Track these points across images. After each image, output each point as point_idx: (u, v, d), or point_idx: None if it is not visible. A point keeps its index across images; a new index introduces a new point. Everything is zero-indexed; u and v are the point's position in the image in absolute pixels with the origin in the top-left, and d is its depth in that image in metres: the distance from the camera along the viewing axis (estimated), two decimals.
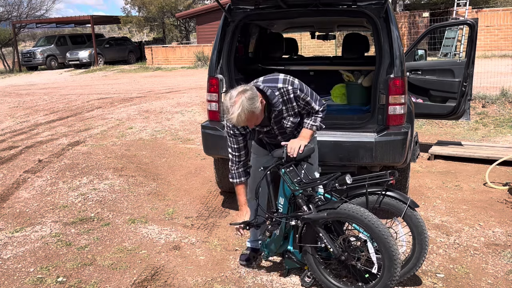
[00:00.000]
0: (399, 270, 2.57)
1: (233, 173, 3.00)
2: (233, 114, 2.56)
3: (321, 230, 2.71)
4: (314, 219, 2.69)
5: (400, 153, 3.53)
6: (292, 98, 2.81)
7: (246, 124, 2.67)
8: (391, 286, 2.59)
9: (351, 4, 3.69)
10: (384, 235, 2.53)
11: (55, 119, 9.15)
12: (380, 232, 2.54)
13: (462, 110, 5.55)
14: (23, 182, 5.24)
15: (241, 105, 2.54)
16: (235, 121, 2.59)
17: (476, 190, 4.66)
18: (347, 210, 2.62)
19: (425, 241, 2.76)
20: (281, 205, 2.95)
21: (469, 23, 5.41)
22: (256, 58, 5.54)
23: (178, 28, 29.92)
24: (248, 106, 2.55)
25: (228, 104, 2.58)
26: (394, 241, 2.57)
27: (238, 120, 2.58)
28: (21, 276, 3.18)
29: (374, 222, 2.55)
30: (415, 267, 2.82)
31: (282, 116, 2.87)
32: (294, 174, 2.82)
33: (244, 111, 2.55)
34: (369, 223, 2.56)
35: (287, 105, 2.84)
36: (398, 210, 2.74)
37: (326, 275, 2.83)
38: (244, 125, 2.74)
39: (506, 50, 15.81)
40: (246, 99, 2.56)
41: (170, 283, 3.06)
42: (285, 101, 2.82)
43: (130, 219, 4.14)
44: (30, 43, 42.03)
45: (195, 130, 7.64)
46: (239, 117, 2.56)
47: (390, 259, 2.54)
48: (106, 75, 19.77)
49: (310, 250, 2.83)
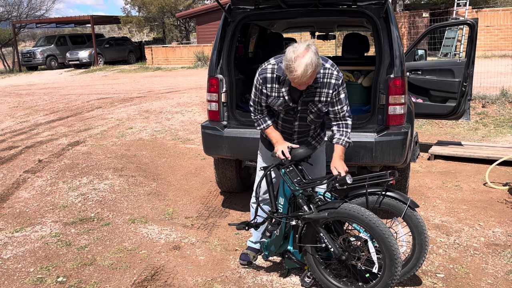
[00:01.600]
0: (399, 270, 2.57)
1: (259, 120, 2.94)
2: (299, 66, 2.44)
3: (321, 230, 2.71)
4: (315, 219, 2.69)
5: (400, 153, 3.53)
6: (331, 84, 2.72)
7: (306, 79, 2.52)
8: (392, 285, 2.59)
9: (351, 4, 3.69)
10: (385, 234, 2.53)
11: (55, 119, 9.15)
12: (381, 232, 2.54)
13: (462, 110, 5.55)
14: (23, 182, 5.24)
15: (311, 58, 2.45)
16: (300, 73, 2.46)
17: (476, 190, 4.66)
18: (348, 210, 2.62)
19: (425, 241, 2.76)
20: (281, 205, 2.95)
21: (469, 23, 5.41)
22: (256, 58, 5.53)
23: (178, 28, 29.92)
24: (316, 60, 2.47)
25: (292, 55, 2.47)
26: (395, 241, 2.57)
27: (303, 73, 2.46)
28: (21, 276, 3.18)
29: (375, 221, 2.55)
30: (415, 267, 2.82)
31: (312, 99, 2.77)
32: (294, 174, 2.81)
33: (312, 65, 2.46)
34: (370, 223, 2.55)
35: (323, 89, 2.74)
36: (398, 210, 2.74)
37: (326, 275, 2.83)
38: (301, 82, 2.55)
39: (506, 50, 15.81)
40: (314, 53, 2.47)
41: (170, 283, 3.06)
42: (324, 84, 2.73)
43: (130, 219, 4.14)
44: (30, 43, 42.02)
45: (195, 130, 7.65)
46: (306, 68, 2.45)
47: (391, 258, 2.54)
48: (106, 75, 19.77)
49: (310, 250, 2.83)
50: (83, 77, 19.63)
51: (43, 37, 28.16)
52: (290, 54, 2.49)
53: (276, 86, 2.77)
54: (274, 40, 5.45)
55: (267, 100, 2.85)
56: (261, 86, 2.81)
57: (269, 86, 2.79)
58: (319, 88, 2.73)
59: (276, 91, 2.78)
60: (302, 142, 2.98)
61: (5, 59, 26.44)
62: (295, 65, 2.47)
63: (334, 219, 2.72)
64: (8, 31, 27.28)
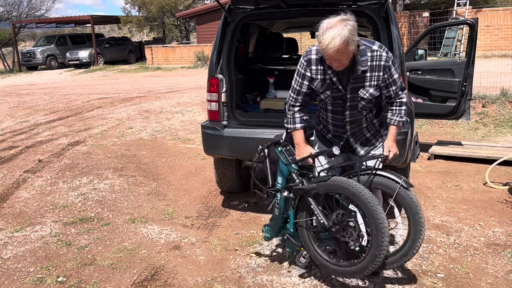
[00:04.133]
0: (386, 240, 2.52)
1: (289, 117, 2.86)
2: (327, 37, 2.35)
3: (312, 201, 2.76)
4: (306, 189, 2.75)
5: (400, 153, 3.52)
6: (381, 66, 2.61)
7: (333, 52, 2.40)
8: (380, 257, 2.56)
9: (351, 4, 3.69)
10: (371, 204, 2.53)
11: (55, 119, 9.15)
12: (367, 200, 2.54)
13: (462, 110, 5.55)
14: (23, 182, 5.24)
15: (341, 31, 2.35)
16: (326, 44, 2.37)
17: (476, 190, 4.66)
18: (336, 181, 2.66)
19: (419, 222, 2.62)
20: (279, 184, 3.06)
21: (469, 23, 5.41)
22: (256, 58, 5.53)
23: (178, 28, 29.93)
24: (347, 34, 2.36)
25: (324, 26, 2.39)
26: (381, 210, 2.54)
27: (330, 45, 2.36)
28: (21, 276, 3.18)
29: (361, 191, 2.56)
30: (411, 250, 2.69)
31: (363, 84, 2.65)
32: (291, 152, 2.91)
33: (341, 38, 2.34)
34: (356, 192, 2.57)
35: (373, 72, 2.62)
36: (390, 189, 2.66)
37: (320, 252, 2.87)
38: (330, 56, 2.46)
39: (506, 50, 15.81)
40: (346, 27, 2.37)
41: (170, 283, 3.06)
42: (373, 67, 2.61)
43: (130, 219, 4.14)
44: (30, 43, 42.01)
45: (195, 130, 7.65)
46: (333, 41, 2.34)
47: (377, 227, 2.53)
48: (106, 75, 19.77)
49: (305, 225, 2.89)
50: (83, 77, 19.63)
51: (43, 37, 28.17)
52: (322, 25, 2.41)
53: (320, 68, 2.68)
54: (274, 40, 5.46)
55: (310, 85, 2.74)
56: (305, 70, 2.71)
57: (313, 68, 2.69)
58: (368, 72, 2.62)
59: (322, 73, 2.68)
60: (357, 134, 2.87)
61: (5, 59, 26.44)
62: (324, 37, 2.39)
63: (324, 192, 2.75)
64: (8, 31, 27.28)
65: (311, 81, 2.73)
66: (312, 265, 3.13)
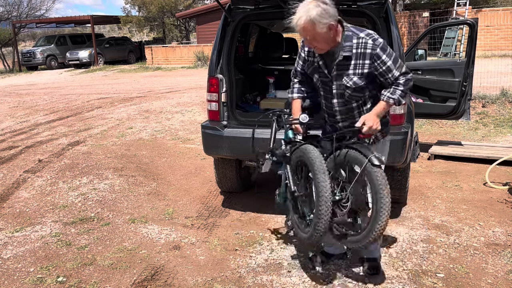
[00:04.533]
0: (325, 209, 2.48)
1: (291, 87, 3.04)
2: (296, 14, 2.41)
3: (287, 166, 2.94)
4: (279, 154, 3.04)
5: (400, 153, 3.53)
6: (367, 54, 2.55)
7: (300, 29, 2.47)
8: (319, 225, 2.53)
9: (351, 4, 3.69)
10: (316, 171, 2.54)
11: (55, 119, 9.15)
12: (314, 167, 2.56)
13: (462, 110, 5.55)
14: (23, 182, 5.24)
15: (309, 11, 2.37)
16: (295, 22, 2.44)
17: (476, 190, 4.66)
18: (301, 148, 2.77)
19: (380, 202, 2.42)
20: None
21: (469, 23, 5.40)
22: (256, 58, 5.53)
23: (178, 28, 29.93)
24: (314, 14, 2.37)
25: (300, 4, 2.44)
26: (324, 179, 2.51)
27: (297, 22, 2.43)
28: (21, 276, 3.18)
29: (314, 158, 2.60)
30: (372, 231, 2.48)
31: (346, 72, 2.62)
32: None
33: (306, 17, 2.38)
34: (308, 155, 2.64)
35: (358, 60, 2.57)
36: (359, 163, 2.54)
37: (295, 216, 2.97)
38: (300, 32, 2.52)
39: (506, 50, 15.80)
40: (318, 8, 2.37)
41: (170, 283, 3.06)
42: (358, 55, 2.57)
43: (130, 219, 4.14)
44: (30, 43, 42.01)
45: (195, 130, 7.64)
46: (299, 19, 2.40)
47: (318, 195, 2.52)
48: (106, 75, 19.78)
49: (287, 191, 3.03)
50: (83, 77, 19.63)
51: (43, 37, 28.18)
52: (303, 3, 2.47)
53: (311, 50, 2.74)
54: (274, 40, 5.46)
55: (304, 66, 2.89)
56: (301, 50, 2.86)
57: (306, 49, 2.82)
58: (352, 59, 2.59)
59: (312, 56, 2.78)
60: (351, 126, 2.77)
61: (5, 59, 26.44)
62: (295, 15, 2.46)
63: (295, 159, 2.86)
64: (8, 31, 27.29)
65: (304, 61, 2.88)
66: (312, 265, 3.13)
